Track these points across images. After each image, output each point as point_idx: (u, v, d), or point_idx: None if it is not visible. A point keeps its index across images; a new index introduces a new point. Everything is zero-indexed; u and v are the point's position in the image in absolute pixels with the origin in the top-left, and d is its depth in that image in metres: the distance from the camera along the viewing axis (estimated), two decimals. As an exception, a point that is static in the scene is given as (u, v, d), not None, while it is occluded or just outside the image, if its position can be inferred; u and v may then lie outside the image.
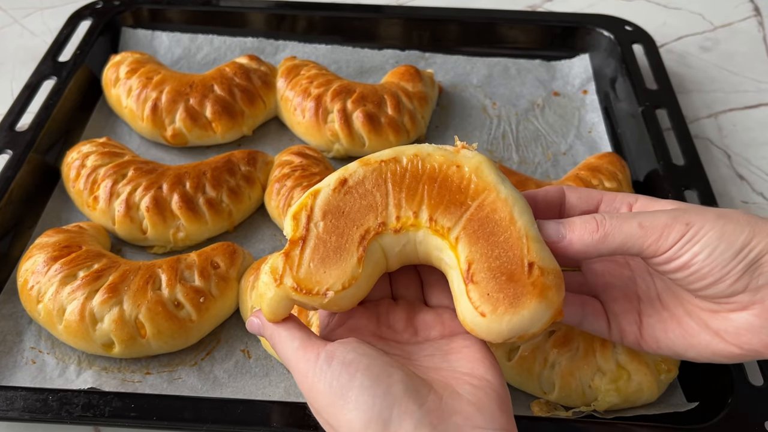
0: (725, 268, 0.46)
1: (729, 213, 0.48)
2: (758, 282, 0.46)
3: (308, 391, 0.46)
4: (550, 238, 0.49)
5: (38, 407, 0.62)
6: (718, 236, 0.46)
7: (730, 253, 0.46)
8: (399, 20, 1.08)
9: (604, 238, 0.48)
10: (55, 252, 0.72)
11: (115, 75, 0.95)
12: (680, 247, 0.47)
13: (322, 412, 0.45)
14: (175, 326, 0.69)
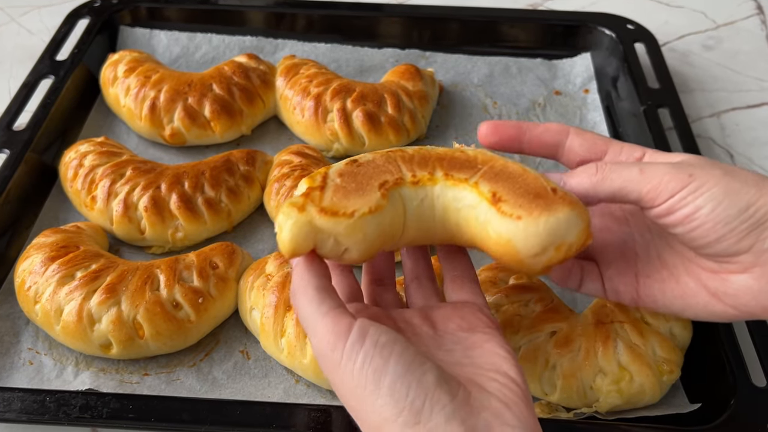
0: (729, 224, 0.45)
1: (736, 171, 0.47)
2: (764, 244, 0.45)
3: (332, 368, 0.43)
4: (555, 178, 0.50)
5: (36, 408, 0.62)
6: (723, 192, 0.45)
7: (735, 210, 0.45)
8: (399, 19, 1.08)
9: (602, 181, 0.48)
10: (53, 252, 0.72)
11: (113, 74, 0.95)
12: (682, 198, 0.46)
13: (345, 392, 0.43)
14: (173, 327, 0.69)
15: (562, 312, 0.69)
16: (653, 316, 0.68)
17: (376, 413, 0.41)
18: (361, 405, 0.42)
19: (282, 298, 0.69)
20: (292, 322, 0.67)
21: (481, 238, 0.49)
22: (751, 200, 0.45)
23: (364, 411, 0.42)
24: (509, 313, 0.68)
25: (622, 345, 0.66)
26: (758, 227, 0.45)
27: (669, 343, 0.67)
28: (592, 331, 0.67)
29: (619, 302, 0.54)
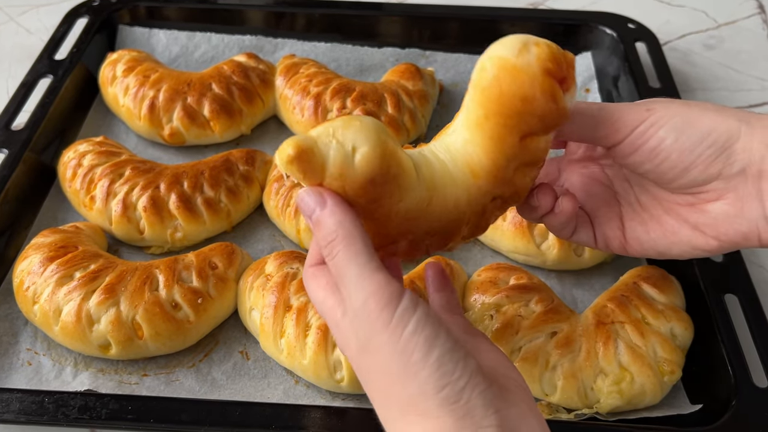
0: (694, 151, 0.46)
1: (693, 102, 0.48)
2: (732, 169, 0.46)
3: (379, 327, 0.40)
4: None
5: (34, 409, 0.62)
6: (684, 121, 0.46)
7: (697, 136, 0.46)
8: (399, 18, 1.08)
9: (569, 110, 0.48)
10: (52, 252, 0.72)
11: (111, 73, 0.95)
12: (643, 132, 0.47)
13: (383, 358, 0.41)
14: (172, 327, 0.69)
15: (562, 312, 0.69)
16: (654, 317, 0.68)
17: (415, 385, 0.40)
18: (398, 374, 0.41)
19: (282, 298, 0.69)
20: (291, 323, 0.67)
21: (479, 77, 0.46)
22: (713, 125, 0.46)
23: (399, 382, 0.41)
24: (509, 314, 0.68)
25: (622, 345, 0.66)
26: (724, 152, 0.46)
27: (670, 344, 0.67)
28: (593, 332, 0.67)
29: (610, 249, 0.56)
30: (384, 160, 0.43)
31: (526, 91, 0.44)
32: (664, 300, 0.71)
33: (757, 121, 0.46)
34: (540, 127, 0.46)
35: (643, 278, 0.73)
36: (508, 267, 0.74)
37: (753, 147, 0.46)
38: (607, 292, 0.73)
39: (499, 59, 0.45)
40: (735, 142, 0.46)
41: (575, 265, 0.79)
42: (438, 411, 0.39)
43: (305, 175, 0.43)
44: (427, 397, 0.40)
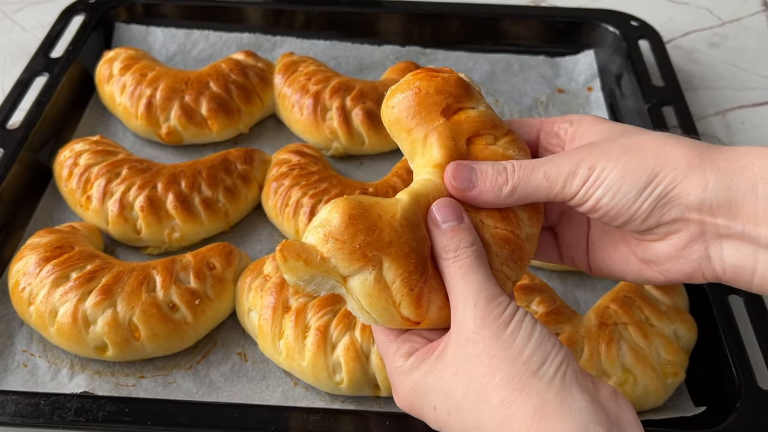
0: (631, 208, 0.48)
1: (637, 144, 0.49)
2: (670, 215, 0.48)
3: (479, 324, 0.45)
4: (461, 185, 0.51)
5: (30, 412, 0.62)
6: (620, 176, 0.48)
7: (633, 192, 0.48)
8: (399, 15, 1.08)
9: (512, 192, 0.50)
10: (47, 253, 0.72)
11: (108, 71, 0.95)
12: (585, 192, 0.49)
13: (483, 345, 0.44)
14: (169, 329, 0.69)
15: (565, 314, 0.69)
16: (658, 318, 0.68)
17: (519, 362, 0.44)
18: (501, 357, 0.44)
19: (280, 299, 0.69)
20: (290, 324, 0.67)
21: None
22: (650, 177, 0.47)
23: (501, 364, 0.44)
24: (511, 315, 0.68)
25: (625, 347, 0.66)
26: (660, 201, 0.48)
27: (673, 345, 0.67)
28: (596, 333, 0.67)
29: (578, 268, 0.58)
30: (349, 198, 0.48)
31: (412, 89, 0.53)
32: (667, 301, 0.71)
33: (696, 162, 0.47)
34: (448, 99, 0.53)
35: (646, 279, 0.73)
36: (509, 267, 0.74)
37: (689, 192, 0.47)
38: (609, 293, 0.73)
39: (384, 106, 0.55)
40: (671, 190, 0.47)
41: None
42: (538, 386, 0.42)
43: (304, 261, 0.46)
44: (529, 372, 0.43)
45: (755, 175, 0.46)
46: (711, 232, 0.48)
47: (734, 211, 0.46)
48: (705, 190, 0.47)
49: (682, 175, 0.47)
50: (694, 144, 0.48)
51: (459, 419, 0.45)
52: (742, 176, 0.46)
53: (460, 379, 0.45)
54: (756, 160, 0.46)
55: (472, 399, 0.44)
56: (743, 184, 0.46)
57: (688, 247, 0.49)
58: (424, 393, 0.47)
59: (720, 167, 0.47)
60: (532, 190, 0.50)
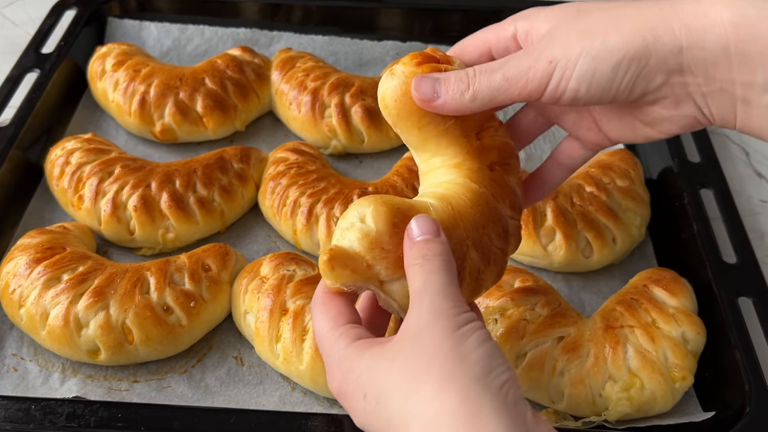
0: (612, 88, 0.49)
1: (594, 23, 0.49)
2: (654, 83, 0.49)
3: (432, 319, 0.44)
4: (424, 95, 0.52)
5: (20, 417, 0.62)
6: (589, 62, 0.48)
7: (608, 75, 0.48)
8: (399, 10, 1.08)
9: (473, 98, 0.51)
10: (38, 254, 0.72)
11: (101, 67, 0.95)
12: (554, 89, 0.49)
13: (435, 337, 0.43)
14: (164, 332, 0.69)
15: (569, 316, 0.69)
16: (665, 320, 0.69)
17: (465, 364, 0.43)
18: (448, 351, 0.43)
19: (277, 301, 0.69)
20: (288, 327, 0.67)
21: None
22: (619, 55, 0.48)
23: (446, 358, 0.43)
24: (514, 318, 0.68)
25: (632, 350, 0.66)
26: (640, 74, 0.48)
27: (681, 348, 0.67)
28: (601, 336, 0.67)
29: (603, 147, 0.60)
30: (387, 203, 0.49)
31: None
32: (675, 303, 0.71)
33: (662, 23, 0.48)
34: None
35: (653, 281, 0.73)
36: (512, 269, 0.74)
37: (667, 59, 0.48)
38: (615, 295, 0.73)
39: (384, 89, 0.54)
40: (648, 60, 0.48)
41: (583, 267, 0.79)
42: (479, 391, 0.41)
43: (351, 270, 0.48)
44: (472, 375, 0.42)
45: (726, 31, 0.46)
46: (696, 92, 0.49)
47: (710, 70, 0.48)
48: (680, 52, 0.47)
49: (654, 41, 0.48)
50: (652, 2, 0.49)
51: (385, 409, 0.43)
52: (713, 32, 0.47)
53: (395, 365, 0.44)
54: (726, 12, 0.46)
55: (404, 388, 0.42)
56: (714, 41, 0.47)
57: (680, 106, 0.51)
58: (358, 378, 0.45)
59: (689, 25, 0.47)
60: (493, 92, 0.51)
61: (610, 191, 0.82)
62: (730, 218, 0.79)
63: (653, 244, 0.85)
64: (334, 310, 0.50)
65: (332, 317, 0.49)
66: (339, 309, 0.50)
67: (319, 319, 0.50)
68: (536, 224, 0.78)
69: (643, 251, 0.84)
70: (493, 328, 0.69)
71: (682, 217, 0.80)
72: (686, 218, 0.80)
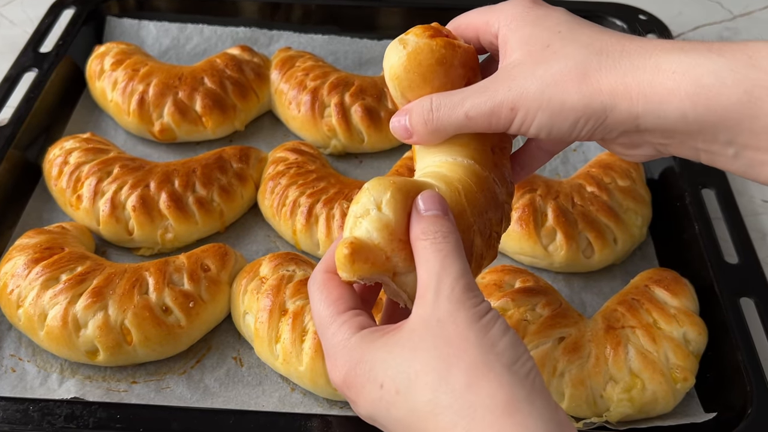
0: (572, 135, 0.51)
1: (558, 74, 0.49)
2: (612, 136, 0.51)
3: (454, 308, 0.44)
4: (401, 136, 0.55)
5: (18, 418, 0.62)
6: (548, 117, 0.50)
7: (566, 128, 0.50)
8: (400, 9, 1.08)
9: (437, 128, 0.53)
10: (36, 254, 0.72)
11: (99, 67, 0.95)
12: (518, 128, 0.51)
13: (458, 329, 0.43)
14: (163, 332, 0.69)
15: (570, 316, 0.69)
16: (666, 321, 0.69)
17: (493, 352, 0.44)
18: (475, 342, 0.44)
19: (277, 302, 0.69)
20: (287, 328, 0.67)
21: None
22: (578, 114, 0.49)
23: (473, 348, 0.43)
24: (515, 318, 0.68)
25: (633, 351, 0.66)
26: (597, 129, 0.50)
27: (683, 349, 0.67)
28: (602, 337, 0.67)
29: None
30: (403, 188, 0.48)
31: (434, 55, 0.54)
32: (676, 304, 0.71)
33: (621, 89, 0.48)
34: (469, 73, 0.55)
35: (654, 281, 0.73)
36: (513, 269, 0.74)
37: (623, 122, 0.49)
38: (617, 296, 0.73)
39: (396, 59, 0.55)
40: (604, 120, 0.49)
41: (583, 267, 0.79)
42: (510, 379, 0.42)
43: (371, 263, 0.46)
44: (502, 365, 0.42)
45: (682, 101, 0.46)
46: (655, 142, 0.50)
47: (668, 135, 0.49)
48: (636, 119, 0.48)
49: (611, 108, 0.48)
50: (613, 55, 0.49)
51: (409, 399, 0.43)
52: (670, 103, 0.47)
53: (418, 355, 0.43)
54: (683, 82, 0.46)
55: (432, 379, 0.42)
56: (672, 111, 0.47)
57: (637, 149, 0.52)
58: (371, 368, 0.45)
59: (647, 94, 0.47)
60: (456, 128, 0.53)
61: (611, 191, 0.82)
62: (731, 218, 0.79)
63: (654, 244, 0.85)
64: (334, 293, 0.49)
65: (332, 302, 0.48)
66: (339, 292, 0.49)
67: (319, 304, 0.49)
68: (537, 224, 0.78)
69: (644, 251, 0.84)
70: (493, 328, 0.69)
71: (683, 217, 0.81)
72: (688, 218, 0.80)
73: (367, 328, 0.47)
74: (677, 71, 0.47)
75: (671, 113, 0.47)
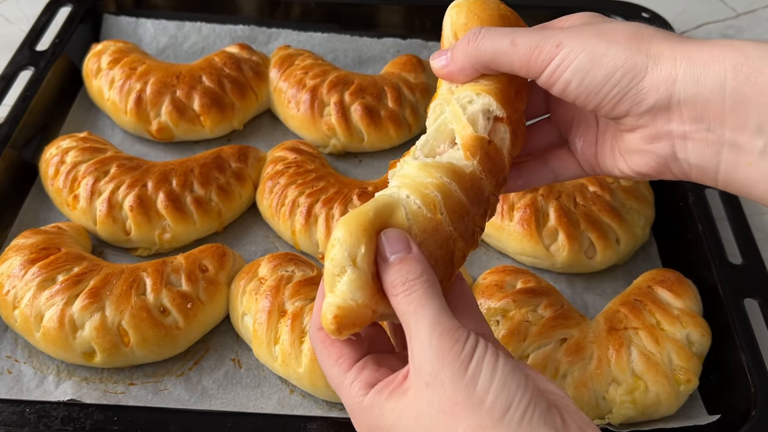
0: (599, 93, 0.49)
1: (609, 30, 0.50)
2: (640, 108, 0.49)
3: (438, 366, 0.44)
4: (438, 65, 0.54)
5: (15, 420, 0.62)
6: (589, 59, 0.49)
7: (601, 77, 0.49)
8: (400, 7, 1.08)
9: (477, 50, 0.52)
10: (33, 254, 0.72)
11: (96, 65, 0.95)
12: (551, 73, 0.50)
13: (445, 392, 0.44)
14: (160, 334, 0.69)
15: (572, 318, 0.69)
16: (670, 322, 0.69)
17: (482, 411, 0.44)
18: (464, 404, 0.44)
19: (276, 303, 0.69)
20: (286, 329, 0.67)
21: None
22: (617, 63, 0.48)
23: (465, 411, 0.44)
24: (516, 320, 0.68)
25: (636, 353, 0.66)
26: (629, 91, 0.48)
27: (686, 351, 0.67)
28: (605, 338, 0.67)
29: (596, 173, 0.59)
30: (372, 234, 0.47)
31: (499, 10, 0.56)
32: (679, 304, 0.71)
33: (667, 52, 0.48)
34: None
35: (657, 282, 0.73)
36: (514, 270, 0.74)
37: (659, 85, 0.48)
38: (619, 297, 0.73)
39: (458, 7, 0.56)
40: (641, 80, 0.48)
41: (586, 267, 0.79)
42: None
43: (360, 323, 0.47)
44: (494, 421, 0.42)
45: (725, 68, 0.46)
46: (677, 132, 0.49)
47: (700, 109, 0.47)
48: (674, 83, 0.47)
49: (654, 64, 0.48)
50: (669, 34, 0.49)
51: None
52: (712, 69, 0.47)
53: (421, 424, 0.44)
54: (731, 52, 0.46)
55: None
56: (711, 78, 0.46)
57: (655, 141, 0.50)
58: (390, 428, 0.46)
59: (692, 56, 0.47)
60: (494, 52, 0.51)
61: (614, 191, 0.82)
62: (735, 218, 0.79)
63: (657, 244, 0.85)
64: (334, 351, 0.50)
65: (335, 361, 0.49)
66: (339, 348, 0.50)
67: (326, 362, 0.50)
68: (539, 224, 0.78)
69: (647, 252, 0.84)
70: (494, 330, 0.69)
71: (686, 217, 0.80)
72: (691, 218, 0.80)
73: (375, 387, 0.47)
74: (725, 44, 0.47)
75: (711, 79, 0.46)
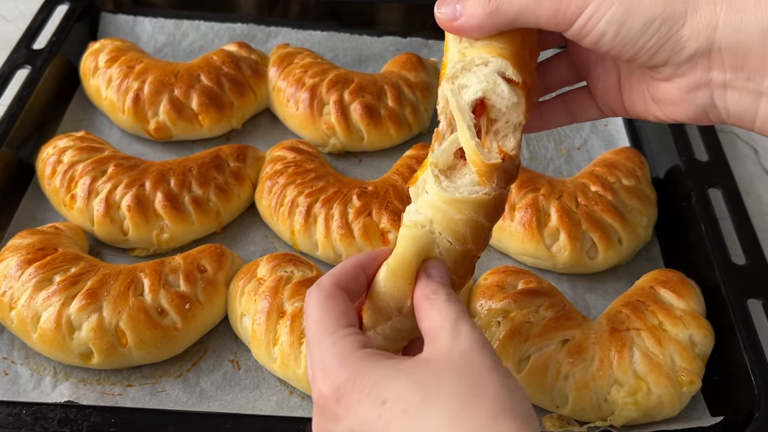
0: (637, 44, 0.48)
1: None
2: (680, 57, 0.48)
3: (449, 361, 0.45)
4: (446, 17, 0.50)
5: (11, 422, 0.62)
6: (624, 9, 0.47)
7: (638, 27, 0.47)
8: (400, 5, 1.08)
9: (497, 10, 0.49)
10: (29, 255, 0.72)
11: (93, 64, 0.95)
12: (583, 25, 0.48)
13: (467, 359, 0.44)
14: (158, 335, 0.69)
15: (574, 318, 0.69)
16: (672, 323, 0.69)
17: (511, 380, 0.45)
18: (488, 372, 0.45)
19: (275, 303, 0.69)
20: (285, 330, 0.67)
21: None
22: (656, 12, 0.47)
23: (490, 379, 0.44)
24: (518, 320, 0.68)
25: (638, 354, 0.66)
26: (668, 40, 0.47)
27: (689, 352, 0.67)
28: (607, 339, 0.67)
29: (616, 114, 0.59)
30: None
31: None
32: (682, 305, 0.71)
33: (705, 2, 0.47)
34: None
35: (660, 282, 0.73)
36: (516, 270, 0.74)
37: (699, 32, 0.47)
38: (621, 297, 0.73)
39: None
40: (680, 28, 0.47)
41: (588, 268, 0.79)
42: (530, 428, 0.42)
43: None
44: (523, 409, 0.43)
45: (767, 14, 0.45)
46: (716, 81, 0.48)
47: (741, 57, 0.47)
48: (714, 30, 0.46)
49: (692, 10, 0.46)
50: None
51: (419, 420, 0.42)
52: (753, 14, 0.46)
53: (439, 381, 0.43)
54: None
55: (454, 402, 0.42)
56: (753, 24, 0.46)
57: (693, 92, 0.50)
58: (376, 384, 0.44)
59: (732, 2, 0.46)
60: (518, 9, 0.48)
61: (616, 190, 0.82)
62: (738, 218, 0.79)
63: (660, 244, 0.85)
64: (342, 306, 0.49)
65: (341, 312, 0.49)
66: (348, 307, 0.49)
67: (322, 312, 0.49)
68: (540, 224, 0.78)
69: (649, 252, 0.84)
70: (495, 330, 0.69)
71: (689, 217, 0.80)
72: (694, 218, 0.80)
73: (369, 349, 0.47)
74: None
75: (752, 26, 0.46)
